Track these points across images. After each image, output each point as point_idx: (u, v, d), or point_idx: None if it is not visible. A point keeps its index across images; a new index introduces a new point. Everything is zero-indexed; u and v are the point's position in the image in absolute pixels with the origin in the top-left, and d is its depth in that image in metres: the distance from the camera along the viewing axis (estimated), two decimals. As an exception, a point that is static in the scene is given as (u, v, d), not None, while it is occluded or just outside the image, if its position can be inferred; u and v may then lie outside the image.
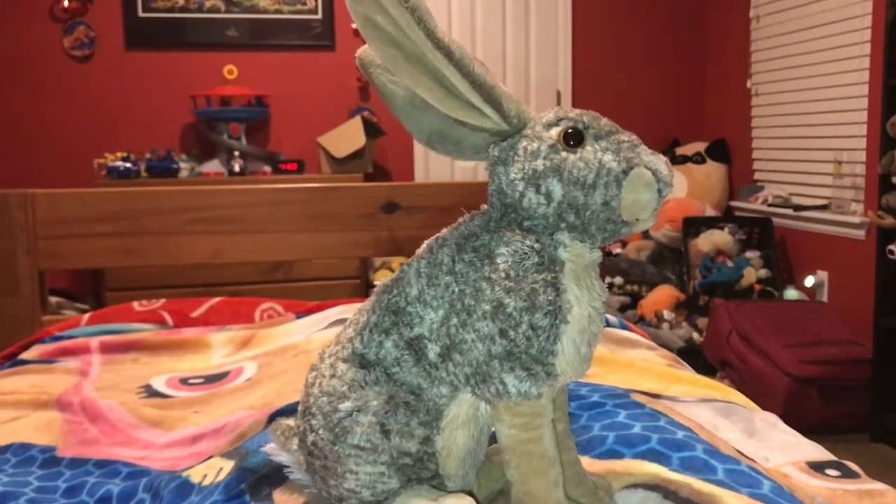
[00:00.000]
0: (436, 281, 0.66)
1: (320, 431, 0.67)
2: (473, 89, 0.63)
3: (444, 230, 0.70)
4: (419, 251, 0.70)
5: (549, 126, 0.65)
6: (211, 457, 0.96)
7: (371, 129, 3.92)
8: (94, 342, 1.49)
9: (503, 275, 0.63)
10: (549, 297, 0.62)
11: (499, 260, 0.64)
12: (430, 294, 0.66)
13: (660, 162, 0.64)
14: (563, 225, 0.64)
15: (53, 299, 3.38)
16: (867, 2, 3.30)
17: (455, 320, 0.64)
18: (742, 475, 0.75)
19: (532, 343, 0.62)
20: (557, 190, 0.63)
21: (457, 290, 0.65)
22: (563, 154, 0.63)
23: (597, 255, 0.67)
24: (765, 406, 1.23)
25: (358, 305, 0.74)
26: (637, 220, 0.64)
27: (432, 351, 0.65)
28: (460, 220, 0.70)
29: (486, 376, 0.63)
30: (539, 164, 0.63)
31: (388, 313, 0.68)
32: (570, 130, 0.64)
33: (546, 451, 0.64)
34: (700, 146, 4.41)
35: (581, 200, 0.63)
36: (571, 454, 0.71)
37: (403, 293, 0.67)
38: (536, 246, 0.64)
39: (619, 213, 0.63)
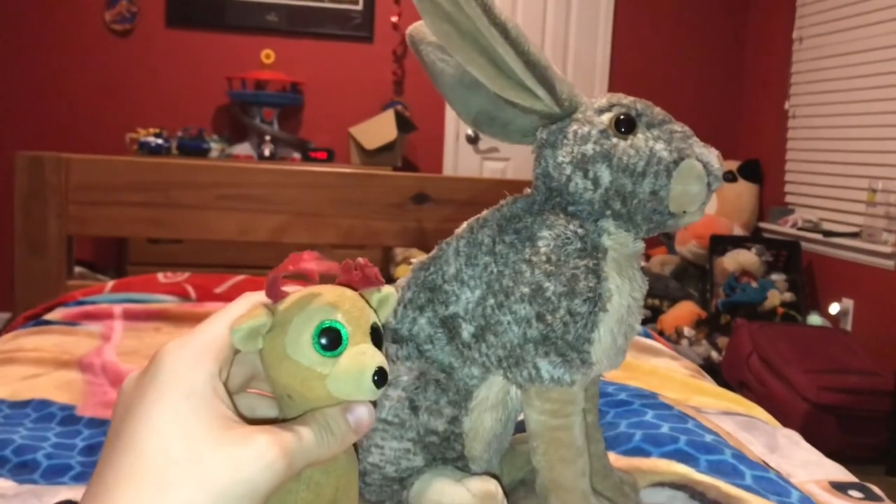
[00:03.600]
0: (474, 261, 0.65)
1: (347, 404, 0.66)
2: (527, 69, 0.62)
3: (486, 211, 0.69)
4: (459, 230, 0.69)
5: (600, 111, 0.64)
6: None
7: (403, 124, 3.93)
8: (118, 308, 1.49)
9: (544, 258, 0.62)
10: (590, 284, 0.61)
11: (540, 243, 0.62)
12: (467, 273, 0.65)
13: (712, 155, 0.63)
14: (608, 212, 0.63)
15: (77, 269, 3.40)
16: (914, 30, 3.26)
17: (492, 301, 0.63)
18: (771, 482, 0.74)
19: (569, 329, 0.60)
20: (605, 176, 0.62)
21: (495, 270, 0.64)
22: (614, 140, 0.62)
23: (640, 246, 0.66)
24: (783, 428, 1.21)
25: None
26: (684, 212, 0.62)
27: (466, 331, 0.64)
28: (502, 201, 0.69)
29: (520, 359, 0.62)
30: (588, 148, 0.62)
31: (423, 290, 0.67)
32: (622, 117, 0.63)
33: (575, 439, 0.63)
34: (733, 164, 4.38)
35: (629, 188, 0.61)
36: (599, 447, 0.70)
37: (441, 271, 0.66)
38: (580, 231, 0.63)
39: (667, 204, 0.61)
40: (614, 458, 0.77)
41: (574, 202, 0.64)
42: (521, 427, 0.67)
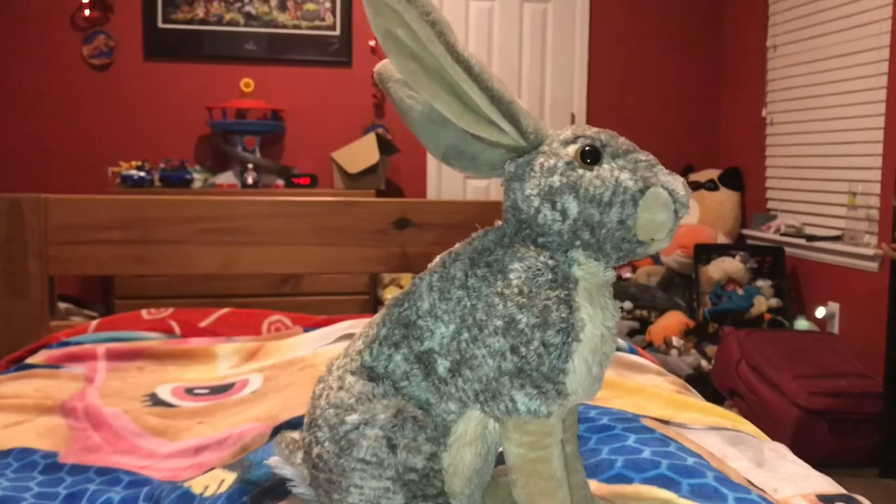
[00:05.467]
0: (448, 295, 0.65)
1: (326, 444, 0.66)
2: (492, 104, 0.63)
3: (458, 245, 0.69)
4: (432, 265, 0.69)
5: (566, 143, 0.65)
6: (213, 468, 0.95)
7: (385, 146, 3.94)
8: (101, 349, 1.48)
9: (516, 290, 0.62)
10: (562, 315, 0.61)
11: (512, 276, 0.63)
12: (441, 308, 0.65)
13: (677, 182, 0.63)
14: (577, 242, 0.63)
15: (62, 305, 3.39)
16: (885, 35, 3.30)
17: (466, 335, 0.63)
18: (753, 504, 0.74)
19: (543, 360, 0.61)
20: (573, 207, 0.62)
21: (469, 304, 0.64)
22: (580, 171, 0.63)
23: (611, 275, 0.66)
24: (773, 437, 1.22)
25: (367, 320, 0.73)
26: (652, 239, 0.63)
27: (442, 366, 0.65)
28: (474, 235, 0.69)
29: (496, 393, 0.62)
30: (555, 180, 0.63)
31: (398, 326, 0.67)
32: (587, 148, 0.64)
33: (554, 471, 0.63)
34: (713, 173, 4.40)
35: (597, 218, 0.62)
36: (580, 476, 0.70)
37: (414, 306, 0.67)
38: (550, 263, 0.63)
39: (635, 233, 0.62)
40: (596, 486, 0.77)
41: (543, 233, 0.64)
42: (502, 459, 0.67)
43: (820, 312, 3.66)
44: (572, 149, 0.64)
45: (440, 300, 0.65)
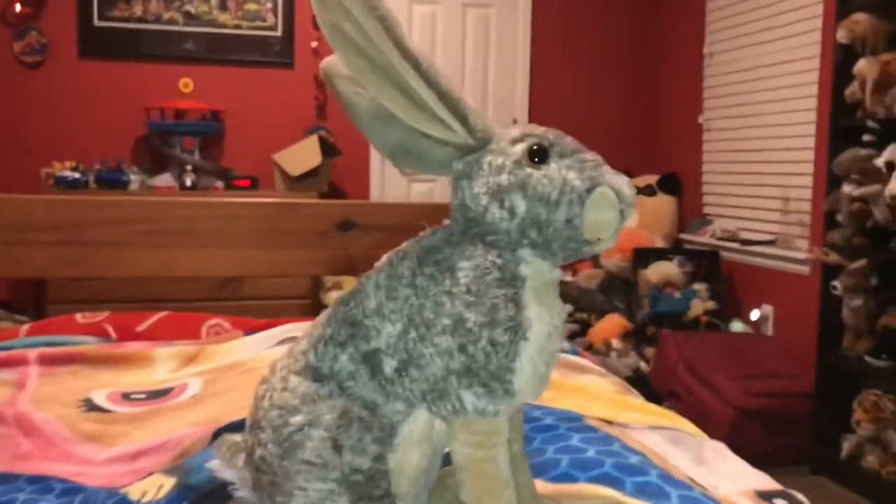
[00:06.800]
0: (395, 294, 0.65)
1: (269, 446, 0.65)
2: (440, 101, 0.62)
3: (405, 243, 0.69)
4: (379, 264, 0.68)
5: (514, 142, 0.65)
6: (151, 473, 0.93)
7: (327, 149, 3.90)
8: (33, 354, 1.43)
9: (464, 289, 0.62)
10: (510, 313, 0.61)
11: (460, 274, 0.63)
12: (388, 307, 0.64)
13: (623, 182, 0.64)
14: (525, 241, 0.63)
15: (-9, 310, 3.28)
16: (816, 44, 3.40)
17: (413, 334, 0.63)
18: (696, 501, 0.75)
19: (491, 359, 0.61)
20: (521, 205, 0.62)
21: (416, 303, 0.63)
22: (528, 170, 0.63)
23: (558, 274, 0.66)
24: (710, 436, 1.24)
25: (311, 322, 0.72)
26: (599, 239, 0.63)
27: (388, 365, 0.64)
28: (422, 233, 0.69)
29: (444, 392, 0.62)
30: (503, 178, 0.63)
31: (344, 326, 0.66)
32: (535, 147, 0.64)
33: (500, 471, 0.63)
34: (652, 178, 4.48)
35: (544, 217, 0.62)
36: (526, 476, 0.70)
37: (361, 305, 0.66)
38: (498, 261, 0.63)
39: (582, 232, 0.62)
40: (542, 486, 0.77)
41: (492, 232, 0.64)
42: (449, 460, 0.67)
43: (754, 315, 3.75)
44: (520, 147, 0.64)
45: (387, 299, 0.65)
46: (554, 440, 0.89)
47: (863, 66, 2.77)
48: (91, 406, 1.25)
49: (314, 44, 4.13)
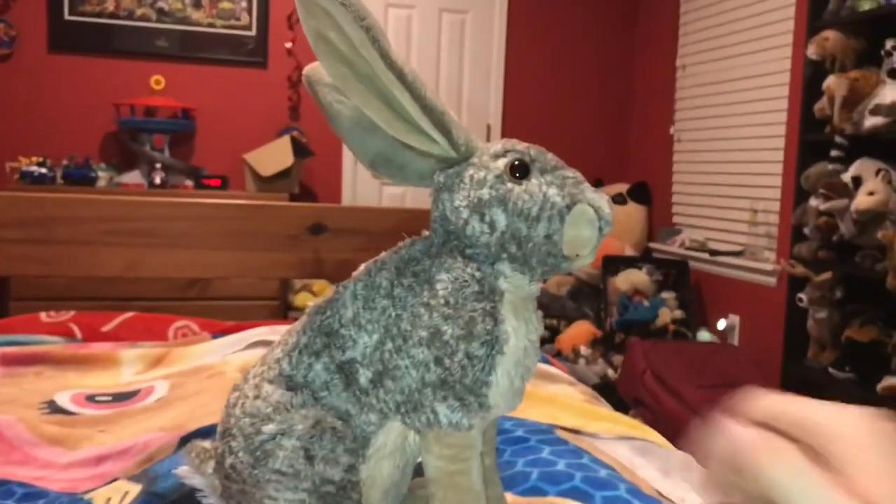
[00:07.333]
0: (372, 304, 0.64)
1: (240, 454, 0.64)
2: (423, 113, 0.62)
3: (384, 253, 0.68)
4: (356, 273, 0.68)
5: (496, 157, 0.65)
6: (116, 479, 0.91)
7: (299, 149, 3.88)
8: (-5, 353, 1.41)
9: (442, 301, 0.62)
10: (487, 327, 0.61)
11: (438, 286, 0.62)
12: (365, 317, 0.64)
13: (602, 200, 0.64)
14: (504, 255, 0.63)
15: (-49, 306, 3.21)
16: (787, 59, 3.45)
17: (390, 345, 0.63)
18: (665, 515, 0.75)
19: (467, 372, 0.60)
20: (501, 220, 0.62)
21: (393, 314, 0.63)
22: (509, 185, 0.63)
23: (535, 289, 0.66)
24: (676, 445, 1.25)
25: (281, 327, 0.71)
26: (577, 255, 0.64)
27: (363, 376, 0.64)
28: (401, 244, 0.68)
29: (418, 404, 0.62)
30: (485, 192, 0.63)
31: (319, 335, 0.66)
32: (516, 162, 0.64)
33: (473, 484, 0.63)
34: (622, 187, 4.52)
35: (524, 232, 0.62)
36: (497, 489, 0.70)
37: (337, 315, 0.65)
38: (477, 274, 0.63)
39: (561, 248, 0.63)
40: (512, 499, 0.77)
41: (471, 245, 0.64)
42: (420, 471, 0.66)
43: (721, 324, 3.79)
44: (502, 162, 0.64)
45: (364, 309, 0.64)
46: (524, 452, 0.89)
47: (832, 82, 2.81)
48: (54, 408, 1.22)
49: (288, 44, 4.11)
